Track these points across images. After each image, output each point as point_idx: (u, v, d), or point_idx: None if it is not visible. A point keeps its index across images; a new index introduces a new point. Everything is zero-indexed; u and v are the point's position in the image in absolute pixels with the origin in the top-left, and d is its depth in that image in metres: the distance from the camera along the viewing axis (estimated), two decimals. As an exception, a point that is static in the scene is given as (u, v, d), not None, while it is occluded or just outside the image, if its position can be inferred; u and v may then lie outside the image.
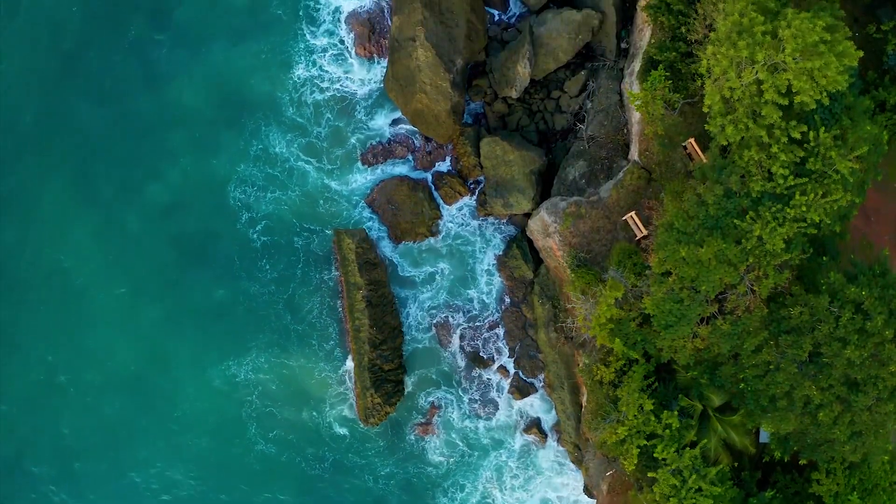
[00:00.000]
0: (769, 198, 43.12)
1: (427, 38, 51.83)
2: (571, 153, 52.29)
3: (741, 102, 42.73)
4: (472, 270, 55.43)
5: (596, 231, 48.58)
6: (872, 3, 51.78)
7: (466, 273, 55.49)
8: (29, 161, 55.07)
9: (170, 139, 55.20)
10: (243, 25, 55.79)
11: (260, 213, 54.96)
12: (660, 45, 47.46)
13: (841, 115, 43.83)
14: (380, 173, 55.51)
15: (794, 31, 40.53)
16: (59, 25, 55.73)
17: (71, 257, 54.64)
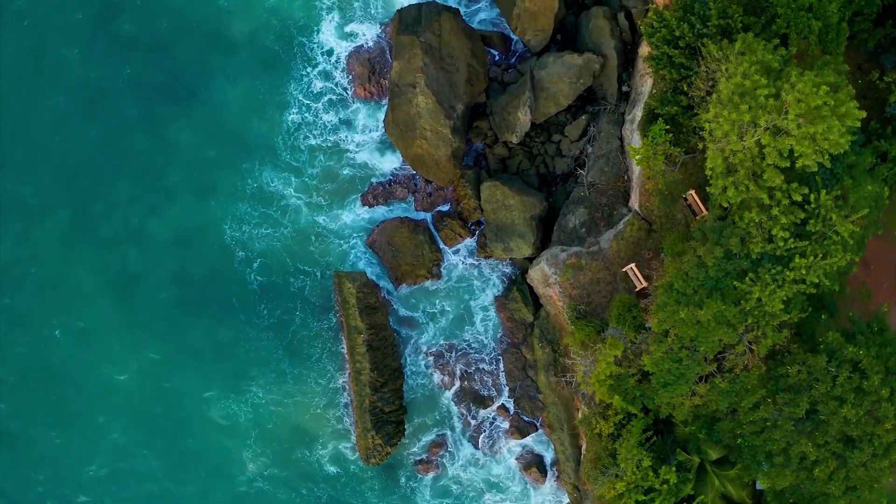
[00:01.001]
0: (769, 259, 43.28)
1: (427, 86, 51.70)
2: (572, 199, 52.35)
3: (742, 164, 42.70)
4: (473, 311, 55.74)
5: (596, 283, 48.81)
6: (876, 50, 51.52)
7: (467, 314, 55.79)
8: (28, 198, 55.13)
9: (167, 177, 55.34)
10: (242, 64, 55.83)
11: (259, 252, 55.11)
12: (661, 98, 47.28)
13: (842, 175, 43.84)
14: (380, 214, 55.70)
15: (798, 95, 40.46)
16: (58, 62, 55.61)
17: (71, 294, 54.83)
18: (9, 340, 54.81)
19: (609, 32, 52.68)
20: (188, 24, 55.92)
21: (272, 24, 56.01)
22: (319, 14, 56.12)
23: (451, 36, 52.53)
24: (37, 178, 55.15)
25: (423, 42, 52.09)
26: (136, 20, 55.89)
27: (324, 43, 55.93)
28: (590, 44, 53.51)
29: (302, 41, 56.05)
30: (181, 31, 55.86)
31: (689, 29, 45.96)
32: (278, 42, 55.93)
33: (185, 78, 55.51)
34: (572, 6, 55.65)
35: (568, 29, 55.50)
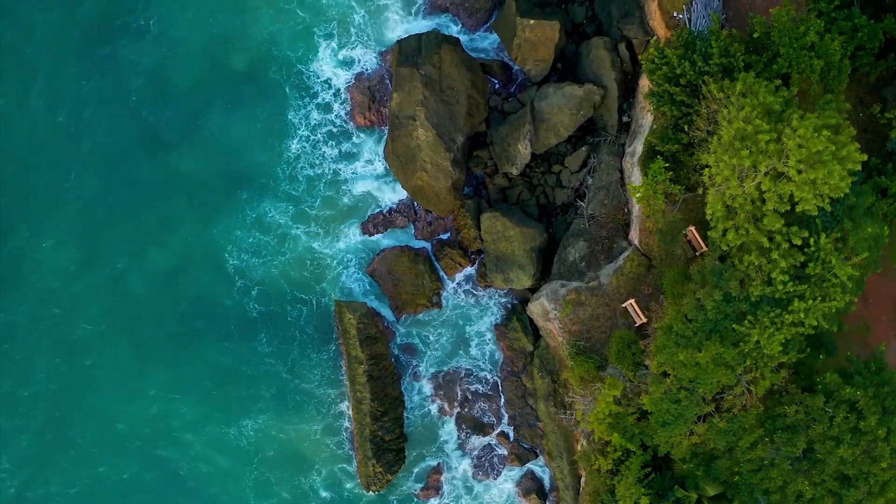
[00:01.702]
0: (767, 302, 43.43)
1: (427, 119, 51.58)
2: (572, 231, 52.39)
3: (742, 208, 42.75)
4: (472, 339, 55.95)
5: (596, 318, 49.00)
6: (878, 82, 51.33)
7: (467, 342, 56.03)
8: (31, 225, 55.14)
9: (168, 206, 55.41)
10: (242, 94, 55.81)
11: (258, 280, 55.34)
12: (662, 136, 47.19)
13: (842, 217, 43.87)
14: (380, 243, 55.80)
15: (799, 140, 40.42)
16: (59, 92, 55.51)
17: (75, 321, 55.01)
18: (11, 373, 55.24)
19: (610, 63, 52.49)
20: (188, 53, 55.87)
21: (271, 54, 55.96)
22: (317, 42, 56.01)
23: (452, 68, 52.36)
24: (38, 207, 55.08)
25: (423, 75, 51.92)
26: (139, 49, 55.90)
27: (322, 71, 55.87)
28: (590, 74, 53.34)
29: (300, 70, 55.98)
30: (181, 60, 55.86)
31: (690, 67, 45.84)
32: (277, 71, 55.84)
33: (187, 107, 55.58)
34: (573, 35, 55.44)
35: (568, 57, 55.31)
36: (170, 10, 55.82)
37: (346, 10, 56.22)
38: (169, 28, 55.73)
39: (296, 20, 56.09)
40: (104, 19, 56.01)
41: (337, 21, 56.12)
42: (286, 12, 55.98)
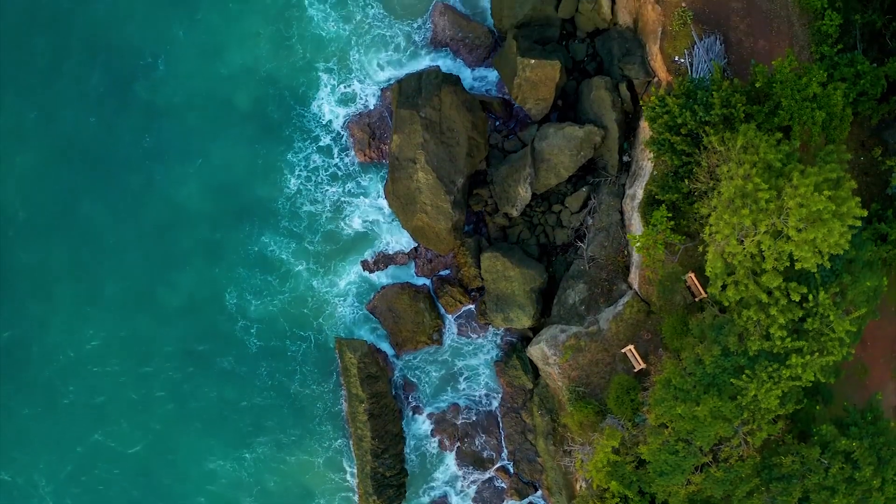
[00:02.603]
0: (765, 356, 43.74)
1: (428, 162, 51.54)
2: (572, 272, 52.51)
3: (742, 265, 42.90)
4: (473, 375, 56.31)
5: (595, 363, 49.33)
6: (879, 125, 51.17)
7: (467, 378, 56.35)
8: (34, 259, 55.30)
9: (168, 243, 55.54)
10: (244, 131, 55.88)
11: (259, 317, 55.62)
12: (662, 184, 47.14)
13: (841, 272, 44.03)
14: (381, 279, 55.98)
15: (800, 200, 40.41)
16: (62, 130, 55.51)
17: (81, 358, 55.28)
18: (15, 405, 55.72)
19: (610, 104, 52.30)
20: (194, 91, 55.82)
21: (273, 91, 55.98)
22: (318, 78, 55.89)
23: (452, 110, 52.21)
24: (41, 241, 55.20)
25: (424, 117, 51.78)
26: (145, 87, 55.76)
27: (323, 110, 55.81)
28: (591, 114, 53.18)
29: (301, 107, 55.90)
30: (187, 98, 55.73)
31: (691, 117, 45.67)
32: (279, 108, 55.80)
33: (191, 144, 55.50)
34: (574, 72, 55.18)
35: (569, 94, 55.07)
36: (176, 49, 55.74)
37: (346, 45, 56.05)
38: (175, 66, 55.75)
39: (297, 56, 56.05)
40: (110, 57, 55.94)
41: (337, 57, 56.00)
42: (288, 49, 55.92)
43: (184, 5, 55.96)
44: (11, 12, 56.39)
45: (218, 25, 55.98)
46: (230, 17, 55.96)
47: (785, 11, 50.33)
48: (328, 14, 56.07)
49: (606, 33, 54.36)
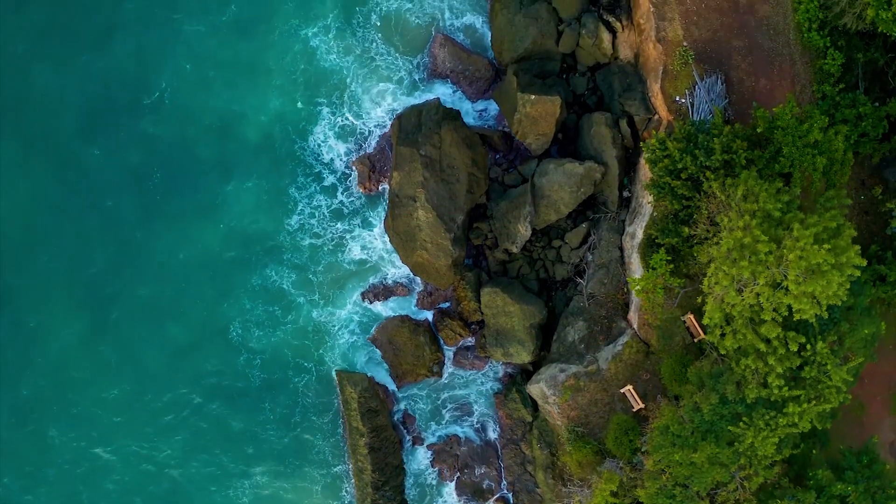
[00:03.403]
0: (763, 404, 44.01)
1: (428, 200, 51.47)
2: (571, 309, 52.58)
3: (741, 315, 43.05)
4: (472, 407, 56.54)
5: (594, 403, 49.60)
6: (880, 164, 51.06)
7: (466, 409, 56.59)
8: (41, 298, 55.24)
9: (174, 274, 55.49)
10: (246, 165, 55.67)
11: (261, 349, 55.76)
12: (662, 228, 47.13)
13: (840, 320, 44.19)
14: (381, 311, 56.03)
15: (799, 253, 40.43)
16: (67, 161, 55.45)
17: (88, 391, 55.43)
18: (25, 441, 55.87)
19: (611, 140, 52.13)
20: (196, 124, 55.68)
21: (275, 125, 55.86)
22: (319, 113, 55.71)
23: (452, 147, 52.06)
24: (47, 280, 55.15)
25: (424, 155, 51.65)
26: (151, 122, 55.50)
27: (324, 144, 55.61)
28: (591, 149, 53.02)
29: (303, 141, 55.78)
30: (186, 131, 55.54)
31: (692, 161, 45.57)
32: (281, 142, 55.71)
33: (196, 178, 55.49)
34: (574, 105, 54.93)
35: (569, 127, 54.87)
36: (182, 85, 55.52)
37: (347, 78, 55.89)
38: (180, 99, 55.46)
39: (299, 90, 55.88)
40: (115, 92, 55.68)
41: (339, 90, 55.85)
42: (291, 83, 55.73)
43: (189, 39, 55.72)
44: (15, 42, 56.07)
45: (223, 59, 55.95)
46: (236, 51, 55.96)
47: (787, 50, 50.14)
48: (331, 47, 55.90)
49: (607, 68, 54.11)
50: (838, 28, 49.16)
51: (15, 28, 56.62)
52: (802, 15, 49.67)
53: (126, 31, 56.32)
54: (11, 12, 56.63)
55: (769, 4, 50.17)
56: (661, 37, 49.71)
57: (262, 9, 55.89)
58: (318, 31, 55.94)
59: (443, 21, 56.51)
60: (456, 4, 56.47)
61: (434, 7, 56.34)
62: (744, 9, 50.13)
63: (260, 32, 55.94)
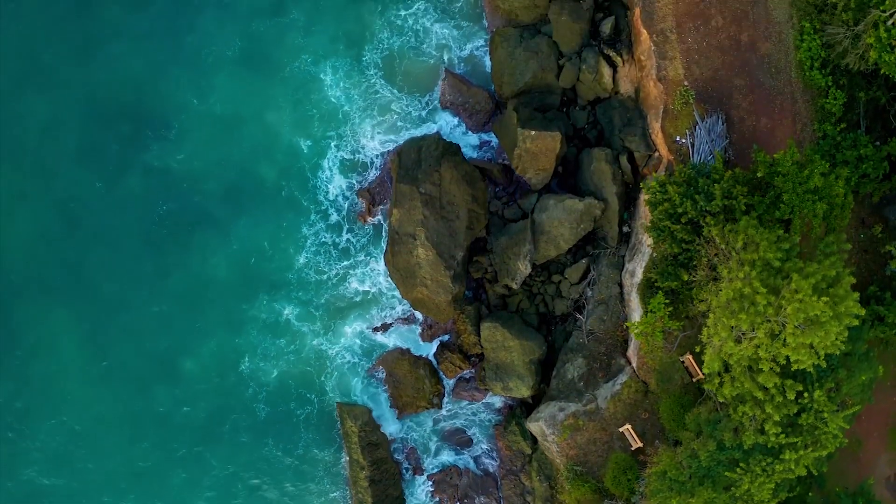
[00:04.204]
0: (760, 450, 44.31)
1: (428, 238, 51.46)
2: (571, 345, 52.71)
3: (739, 363, 43.24)
4: (472, 438, 56.76)
5: (593, 442, 49.90)
6: (880, 202, 50.97)
7: (466, 440, 56.81)
8: (49, 330, 55.30)
9: (181, 306, 55.63)
10: (255, 201, 55.79)
11: (266, 382, 56.00)
12: (661, 271, 47.15)
13: (837, 367, 44.37)
14: (383, 342, 56.26)
15: (798, 305, 40.52)
16: (72, 200, 55.45)
17: (96, 428, 55.67)
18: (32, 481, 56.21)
19: (611, 177, 52.04)
20: (202, 159, 55.71)
21: (281, 160, 55.85)
22: (326, 149, 55.79)
23: (452, 184, 51.98)
24: (56, 313, 55.21)
25: (423, 193, 51.61)
26: (158, 154, 55.52)
27: (331, 178, 55.74)
28: (591, 185, 52.91)
29: (310, 176, 55.97)
30: (197, 166, 55.62)
31: (692, 206, 45.51)
32: (289, 178, 55.75)
33: (198, 211, 55.54)
34: (574, 138, 54.74)
35: (570, 160, 54.75)
36: (187, 119, 55.46)
37: (354, 113, 55.88)
38: (188, 133, 55.46)
39: (306, 125, 55.80)
40: (118, 124, 55.64)
41: (346, 125, 55.92)
42: (296, 117, 55.74)
43: (196, 72, 55.59)
44: (19, 72, 55.92)
45: (231, 93, 55.82)
46: (243, 85, 55.88)
47: (788, 88, 49.90)
48: (338, 82, 55.88)
49: (607, 102, 53.89)
50: (840, 67, 49.01)
51: (17, 56, 56.30)
52: (804, 53, 49.46)
53: (130, 63, 56.16)
54: (13, 40, 56.38)
55: (771, 42, 50.00)
56: (661, 76, 49.51)
57: (270, 44, 55.89)
58: (326, 66, 55.89)
59: (447, 54, 56.34)
60: (457, 36, 56.27)
61: (438, 42, 56.24)
62: (745, 47, 49.89)
63: (267, 67, 56.02)
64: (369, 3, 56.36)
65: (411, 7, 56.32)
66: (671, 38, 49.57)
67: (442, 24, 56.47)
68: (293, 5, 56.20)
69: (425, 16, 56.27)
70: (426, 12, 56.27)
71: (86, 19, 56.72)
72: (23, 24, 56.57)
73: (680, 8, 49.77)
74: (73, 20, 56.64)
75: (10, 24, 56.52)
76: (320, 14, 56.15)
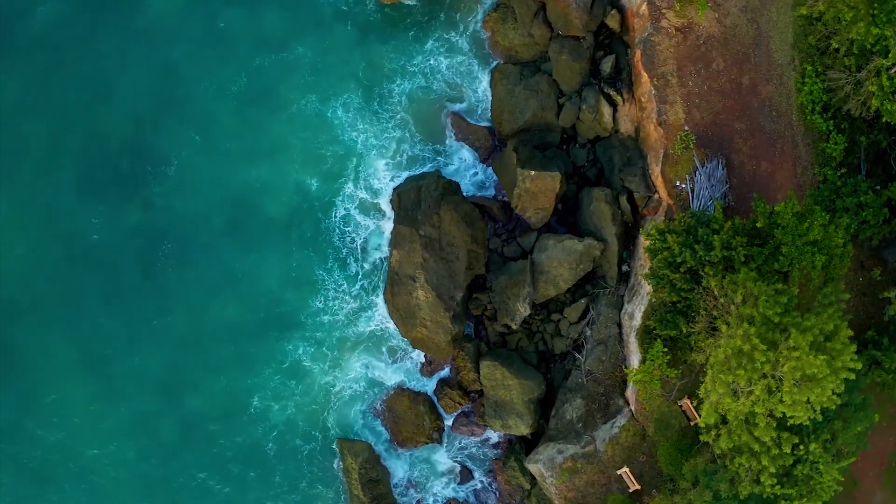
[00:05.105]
0: (755, 500, 44.72)
1: (427, 281, 51.50)
2: (570, 384, 52.89)
3: (736, 417, 43.48)
4: (472, 470, 57.07)
5: (591, 485, 50.23)
6: (880, 245, 50.89)
7: (466, 473, 56.98)
8: (57, 366, 55.35)
9: (187, 346, 55.62)
10: (262, 241, 55.68)
11: (276, 421, 56.05)
12: (660, 319, 47.24)
13: (833, 418, 44.63)
14: (386, 379, 56.41)
15: (795, 363, 40.70)
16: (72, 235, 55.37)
17: (95, 460, 55.61)
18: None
19: (610, 217, 51.95)
20: (208, 198, 55.60)
21: (290, 200, 55.75)
22: (337, 186, 55.63)
23: (451, 226, 51.90)
24: (65, 353, 55.24)
25: (423, 235, 51.56)
26: (160, 192, 55.41)
27: (341, 217, 55.70)
28: (590, 225, 52.84)
29: (321, 216, 55.82)
30: (202, 205, 55.57)
31: (691, 256, 45.51)
32: (299, 218, 55.66)
33: (203, 250, 55.52)
34: (574, 176, 54.61)
35: (569, 198, 54.67)
36: (190, 156, 55.35)
37: (364, 152, 55.87)
38: (188, 172, 55.34)
39: (316, 164, 55.75)
40: (119, 159, 55.59)
41: (356, 164, 55.83)
42: (306, 157, 55.73)
43: (198, 108, 55.50)
44: (21, 105, 55.80)
45: (234, 130, 55.61)
46: (249, 122, 55.73)
47: (789, 131, 49.72)
48: (348, 121, 55.77)
49: (607, 140, 53.74)
50: (841, 111, 48.76)
51: (19, 90, 56.10)
52: (806, 97, 49.23)
53: (130, 97, 56.00)
54: (15, 74, 56.13)
55: (772, 85, 49.75)
56: (662, 120, 49.30)
57: (276, 81, 55.71)
58: (336, 105, 55.80)
59: (453, 91, 56.36)
60: (464, 72, 56.18)
61: (447, 79, 56.24)
62: (746, 90, 49.63)
63: (274, 104, 55.86)
64: (376, 40, 56.07)
65: (422, 45, 56.17)
66: (672, 81, 49.33)
67: (450, 60, 56.38)
68: (298, 42, 55.94)
69: (434, 55, 56.23)
70: (435, 52, 56.25)
71: (88, 52, 56.47)
72: (25, 58, 56.30)
73: (681, 51, 49.56)
74: (76, 53, 56.43)
75: (12, 59, 56.26)
76: (327, 52, 56.07)
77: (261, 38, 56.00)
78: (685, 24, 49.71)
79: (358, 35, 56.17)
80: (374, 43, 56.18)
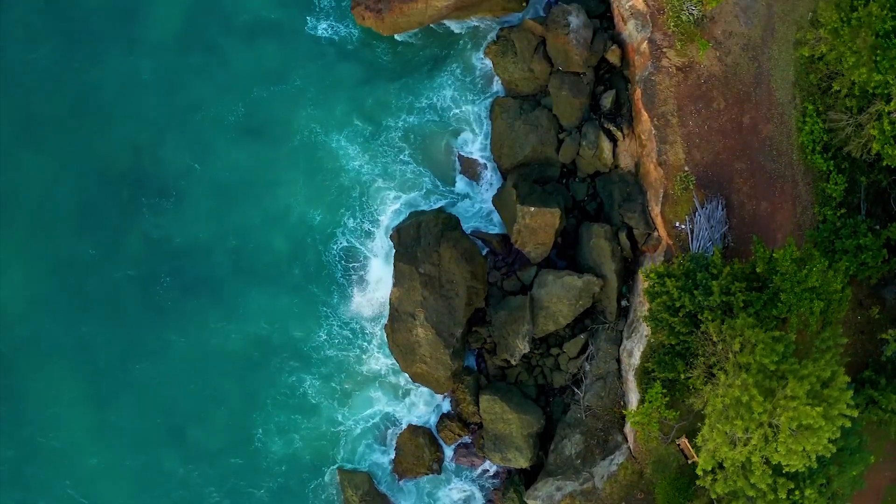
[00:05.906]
0: (752, 541, 45.26)
1: (427, 319, 51.63)
2: (569, 419, 53.11)
3: (733, 464, 43.81)
4: (471, 501, 57.80)
5: (589, 522, 50.93)
6: (879, 283, 50.92)
7: (466, 502, 58.07)
8: (64, 398, 55.42)
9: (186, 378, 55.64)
10: (277, 277, 55.64)
11: (282, 454, 56.16)
12: (659, 361, 47.40)
13: (829, 463, 44.91)
14: (387, 411, 56.58)
15: (791, 414, 40.99)
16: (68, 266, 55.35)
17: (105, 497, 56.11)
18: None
19: (610, 254, 51.96)
20: (208, 230, 55.53)
21: (292, 232, 55.61)
22: (341, 219, 55.54)
23: (451, 263, 51.92)
24: (71, 387, 55.32)
25: (423, 273, 51.61)
26: (156, 223, 55.37)
27: (345, 251, 55.72)
28: (589, 261, 52.87)
29: (321, 249, 55.65)
30: (202, 237, 55.56)
31: (690, 300, 45.62)
32: (303, 251, 55.57)
33: (203, 282, 55.52)
34: (573, 210, 54.56)
35: (569, 232, 54.66)
36: (188, 186, 55.29)
37: (368, 184, 55.83)
38: (189, 201, 55.32)
39: (319, 196, 55.63)
40: (116, 189, 55.55)
41: (361, 197, 55.76)
42: (316, 189, 55.58)
43: (198, 136, 55.39)
44: (17, 135, 55.69)
45: (234, 160, 55.54)
46: (250, 153, 55.62)
47: (789, 171, 49.63)
48: (352, 154, 55.59)
49: (607, 176, 53.65)
50: (842, 151, 48.62)
51: (16, 119, 55.94)
52: (806, 136, 49.12)
53: (130, 127, 55.89)
54: (12, 104, 55.89)
55: (773, 124, 49.57)
56: (662, 160, 49.18)
57: (276, 112, 55.53)
58: (340, 137, 55.71)
59: (458, 124, 56.28)
60: (466, 104, 56.23)
61: (455, 114, 56.25)
62: (747, 129, 49.48)
63: (275, 135, 55.63)
64: (379, 76, 56.06)
65: (430, 81, 56.19)
66: (672, 121, 49.16)
67: (454, 93, 56.31)
68: (296, 74, 55.79)
69: (441, 88, 56.22)
70: (442, 86, 56.24)
71: (85, 82, 56.33)
72: (22, 88, 56.13)
73: (682, 90, 49.34)
74: (73, 83, 56.26)
75: (9, 88, 56.14)
76: (328, 84, 55.89)
77: (262, 71, 55.69)
78: (686, 62, 49.48)
79: (362, 70, 56.00)
80: (377, 78, 55.95)
